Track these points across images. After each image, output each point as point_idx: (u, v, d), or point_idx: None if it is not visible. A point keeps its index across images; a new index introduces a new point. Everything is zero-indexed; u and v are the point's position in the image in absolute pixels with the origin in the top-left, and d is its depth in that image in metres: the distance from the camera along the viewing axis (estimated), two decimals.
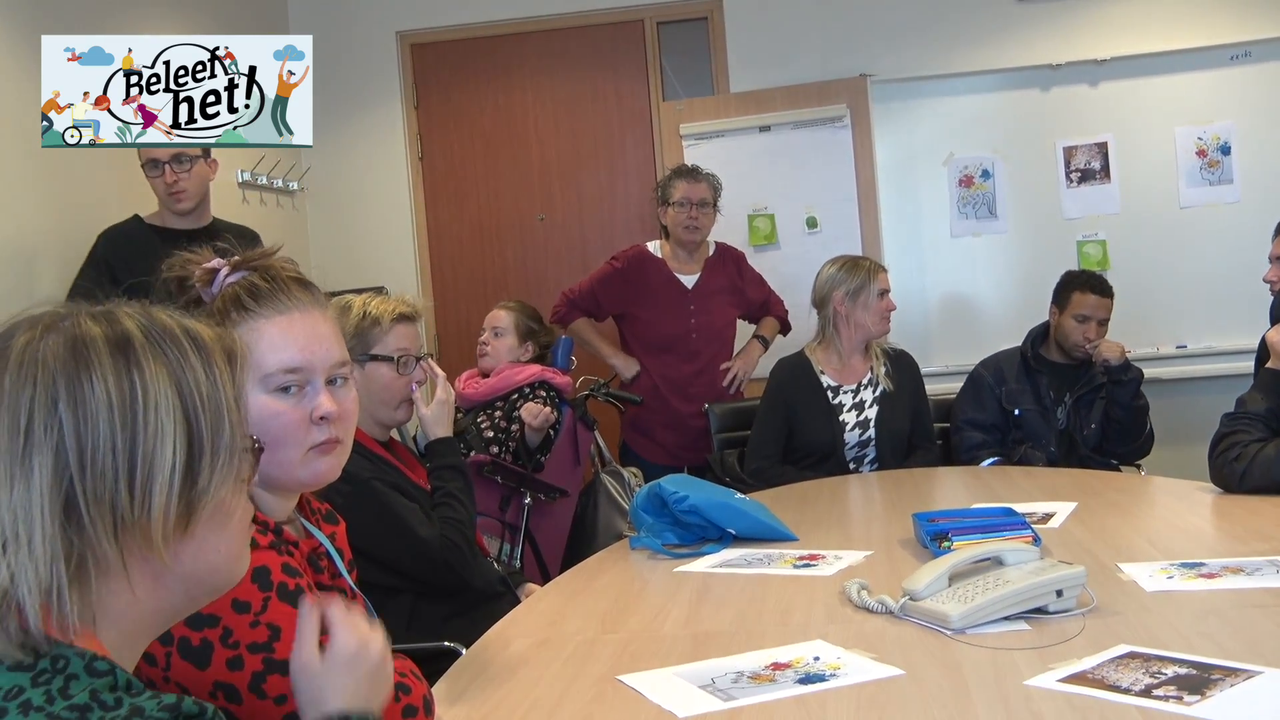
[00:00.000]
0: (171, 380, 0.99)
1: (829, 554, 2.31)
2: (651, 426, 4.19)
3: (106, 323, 1.00)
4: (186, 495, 0.98)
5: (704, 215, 4.16)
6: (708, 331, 4.19)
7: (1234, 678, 1.44)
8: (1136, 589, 1.90)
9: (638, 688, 1.59)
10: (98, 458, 0.95)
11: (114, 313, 1.01)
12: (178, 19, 4.45)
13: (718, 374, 4.20)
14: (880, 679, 1.56)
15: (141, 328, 1.00)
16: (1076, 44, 5.05)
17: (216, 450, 1.01)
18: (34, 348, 0.96)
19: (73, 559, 0.94)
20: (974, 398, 3.85)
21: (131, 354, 0.98)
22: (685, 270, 4.20)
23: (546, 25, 5.39)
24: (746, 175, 5.06)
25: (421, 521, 2.31)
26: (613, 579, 2.30)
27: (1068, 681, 1.49)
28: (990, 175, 5.13)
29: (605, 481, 3.94)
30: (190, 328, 1.04)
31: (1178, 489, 2.83)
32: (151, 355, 0.99)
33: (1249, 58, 4.93)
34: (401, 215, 5.48)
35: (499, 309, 4.07)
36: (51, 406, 0.94)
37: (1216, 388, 4.52)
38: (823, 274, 3.71)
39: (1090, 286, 3.84)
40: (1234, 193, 4.97)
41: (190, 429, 0.99)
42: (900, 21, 5.16)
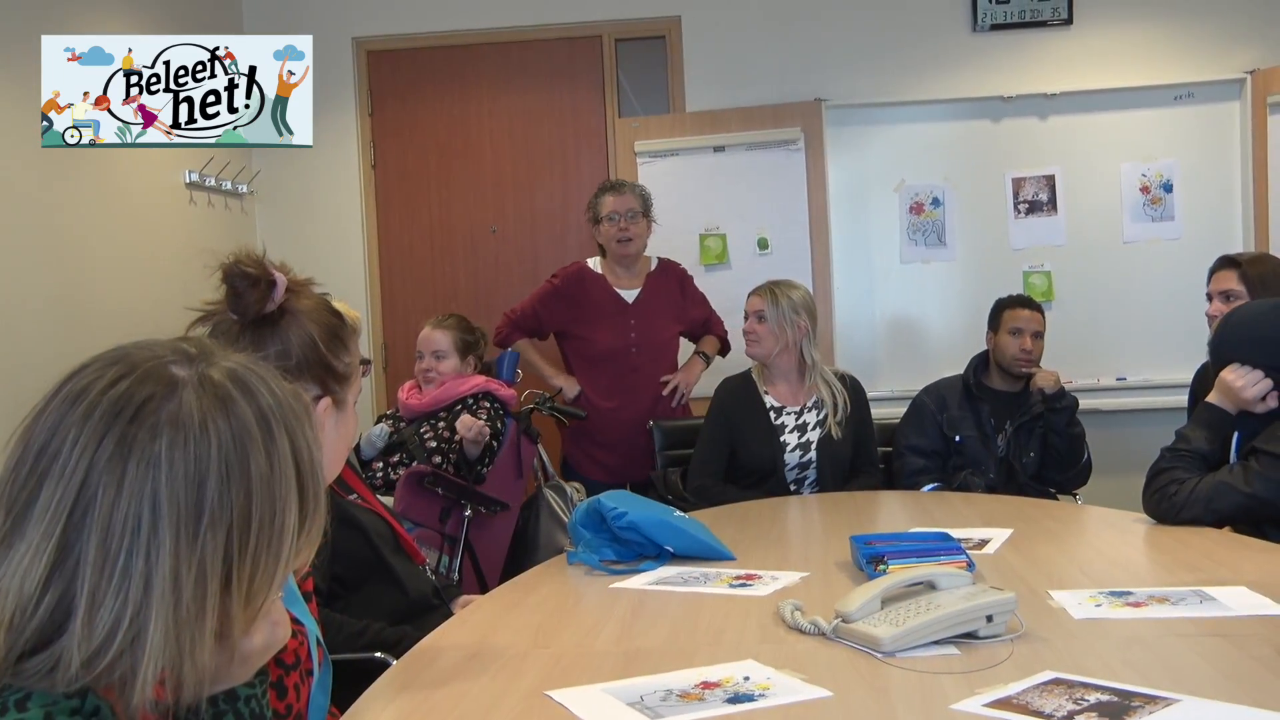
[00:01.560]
0: (292, 451, 1.02)
1: (766, 574, 2.31)
2: (594, 443, 4.18)
3: (243, 390, 1.01)
4: (296, 559, 1.03)
5: (635, 225, 4.16)
6: (649, 347, 4.19)
7: (1153, 705, 1.46)
8: (1065, 616, 1.92)
9: (566, 704, 1.58)
10: (254, 534, 0.97)
11: (244, 379, 1.02)
12: (128, 21, 4.40)
13: (660, 390, 4.19)
14: (808, 700, 1.56)
15: (270, 393, 1.03)
16: (1027, 77, 5.13)
17: (316, 511, 1.05)
18: (203, 414, 0.97)
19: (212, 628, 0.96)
20: (916, 423, 3.88)
21: (271, 427, 1.01)
22: (625, 285, 4.20)
23: (505, 37, 5.39)
24: (699, 195, 5.09)
25: None
26: (548, 593, 2.29)
27: (992, 706, 1.50)
28: (940, 203, 5.19)
29: (547, 496, 3.92)
30: (296, 392, 1.08)
31: (1111, 518, 2.87)
32: (283, 427, 1.02)
33: (1192, 98, 5.04)
34: (352, 223, 5.43)
35: (433, 330, 3.97)
36: (225, 482, 0.96)
37: (1154, 420, 4.59)
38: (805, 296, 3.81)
39: (1019, 302, 3.97)
40: (1176, 229, 5.07)
41: (302, 495, 1.03)
42: (856, 48, 5.21)
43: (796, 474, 3.61)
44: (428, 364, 3.94)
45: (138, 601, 0.91)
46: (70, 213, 3.99)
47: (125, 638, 0.91)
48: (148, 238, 4.40)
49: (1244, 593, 1.99)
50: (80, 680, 0.91)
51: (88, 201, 4.08)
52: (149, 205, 4.47)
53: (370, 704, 1.64)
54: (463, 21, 5.36)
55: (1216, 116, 5.03)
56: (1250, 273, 3.27)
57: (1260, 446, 2.58)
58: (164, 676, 0.94)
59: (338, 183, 5.39)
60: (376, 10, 5.37)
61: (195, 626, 0.93)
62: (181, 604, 0.92)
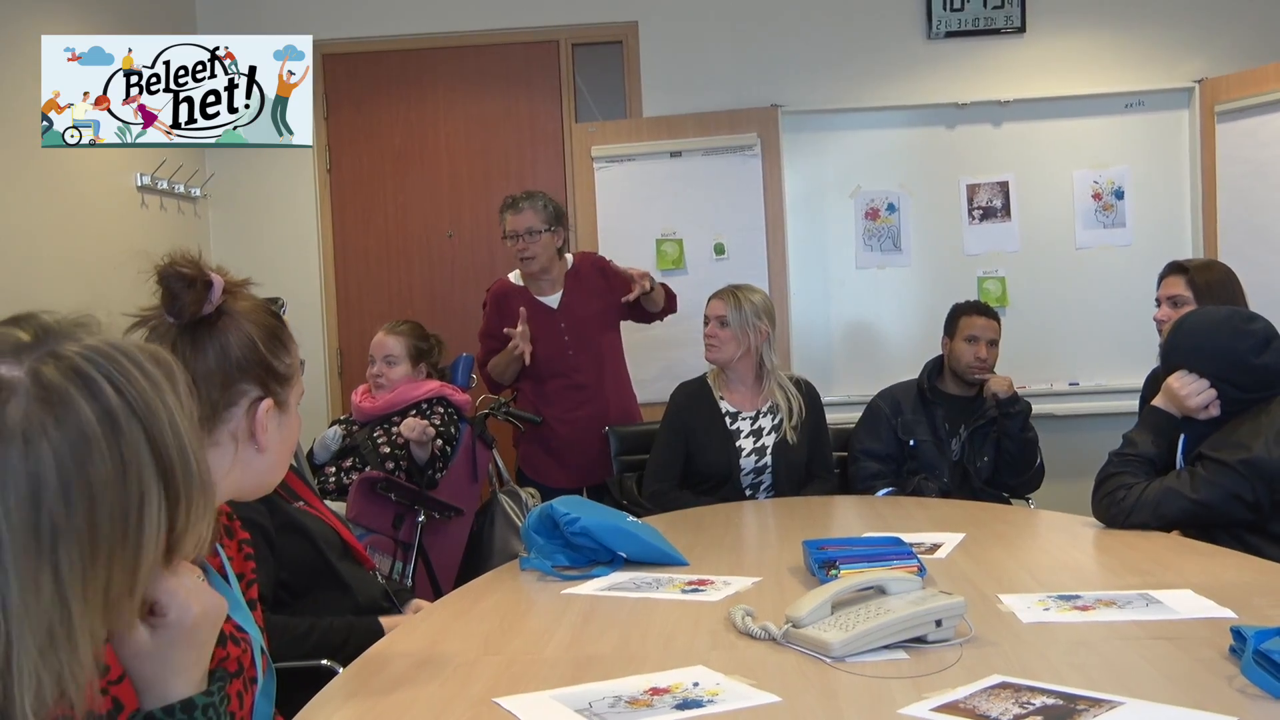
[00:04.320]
0: (148, 438, 0.96)
1: (718, 579, 2.31)
2: (548, 448, 4.15)
3: (83, 386, 0.93)
4: (171, 548, 0.98)
5: (534, 244, 4.05)
6: (585, 349, 4.12)
7: (1098, 708, 1.47)
8: (1014, 620, 1.93)
9: (514, 711, 1.57)
10: (105, 538, 0.92)
11: (84, 371, 0.94)
12: (81, 21, 4.34)
13: (606, 394, 4.15)
14: (756, 706, 1.56)
15: (118, 379, 0.95)
16: (981, 84, 5.17)
17: (190, 495, 0.99)
18: (29, 424, 0.90)
19: None
20: (871, 428, 3.90)
21: (118, 422, 0.94)
22: (547, 292, 4.14)
23: (462, 41, 5.37)
24: (656, 200, 5.09)
25: None
26: (500, 599, 2.28)
27: (940, 711, 1.50)
28: (896, 209, 5.22)
29: (502, 501, 3.91)
30: (156, 355, 1.00)
31: (1062, 523, 2.90)
32: (134, 418, 0.95)
33: (1142, 106, 5.10)
34: (307, 227, 5.39)
35: (386, 335, 3.96)
36: (64, 494, 0.90)
37: (1106, 424, 4.62)
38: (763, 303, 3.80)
39: (976, 310, 3.99)
40: (1127, 236, 5.13)
41: (166, 479, 0.97)
42: (812, 54, 5.24)
43: (752, 479, 3.61)
44: (379, 369, 3.92)
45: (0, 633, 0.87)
46: (17, 213, 3.93)
47: None
48: (97, 241, 4.34)
49: (1189, 596, 2.02)
50: None
51: (36, 203, 4.02)
52: (99, 208, 4.41)
53: (317, 711, 1.62)
54: (419, 25, 5.34)
55: (1166, 124, 5.10)
56: (1198, 279, 3.32)
57: (1207, 453, 2.61)
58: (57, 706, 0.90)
59: (292, 186, 5.35)
60: (332, 14, 5.33)
61: (66, 649, 0.89)
62: (44, 627, 0.88)
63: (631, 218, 4.96)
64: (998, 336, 3.96)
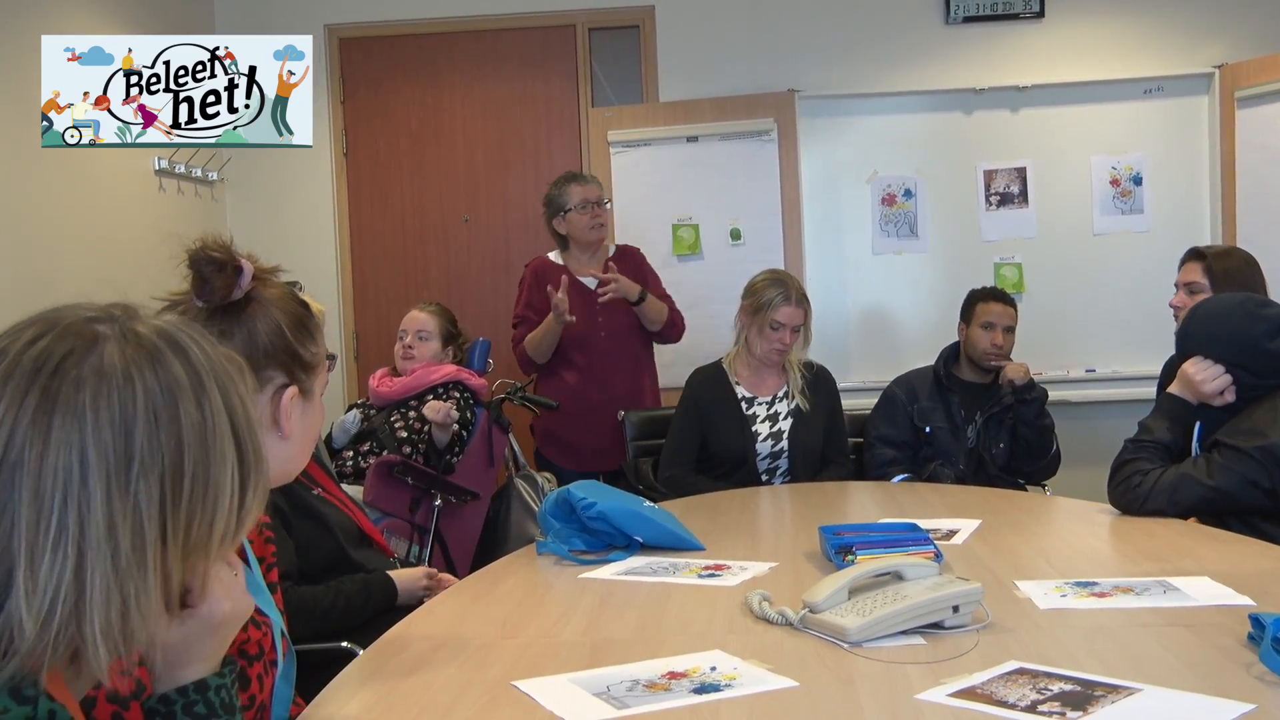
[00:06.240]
0: (226, 405, 1.01)
1: (735, 564, 2.32)
2: (565, 432, 4.16)
3: (172, 346, 1.00)
4: (239, 521, 1.01)
5: (604, 213, 4.17)
6: (616, 332, 4.13)
7: (1116, 695, 1.47)
8: (1031, 606, 1.93)
9: (532, 694, 1.58)
10: (186, 484, 0.96)
11: (174, 336, 1.01)
12: (96, 12, 4.34)
13: (631, 379, 4.17)
14: (774, 690, 1.57)
15: (202, 350, 1.01)
16: (999, 70, 5.15)
17: (258, 473, 1.03)
18: (127, 365, 0.96)
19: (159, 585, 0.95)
20: (887, 414, 3.90)
21: (203, 380, 1.00)
22: (588, 273, 4.15)
23: (478, 25, 5.37)
24: (672, 185, 5.09)
25: None
26: (517, 583, 2.29)
27: (957, 696, 1.50)
28: (912, 195, 5.20)
29: (518, 485, 3.92)
30: (231, 355, 1.06)
31: (1078, 509, 2.89)
32: (215, 382, 1.00)
33: (1161, 92, 5.07)
34: (324, 211, 5.41)
35: (420, 311, 4.01)
36: (154, 430, 0.95)
37: (1122, 411, 4.61)
38: (750, 281, 3.75)
39: (993, 296, 3.98)
40: (1144, 222, 5.10)
41: (240, 451, 1.01)
42: (830, 39, 5.22)
43: (768, 464, 3.61)
44: (410, 342, 3.94)
45: (76, 555, 0.90)
46: (38, 199, 3.95)
47: (69, 595, 0.90)
48: (116, 225, 4.36)
49: (1207, 583, 2.01)
50: (35, 652, 0.89)
51: (56, 188, 4.04)
52: (117, 192, 4.43)
53: (336, 693, 1.63)
54: (436, 9, 5.34)
55: (1185, 110, 5.07)
56: (1215, 266, 3.29)
57: (1223, 440, 2.60)
58: (119, 655, 0.92)
59: (309, 171, 5.36)
60: None
61: (137, 578, 0.92)
62: (120, 554, 0.91)
63: (648, 203, 4.95)
64: (1014, 323, 3.95)
